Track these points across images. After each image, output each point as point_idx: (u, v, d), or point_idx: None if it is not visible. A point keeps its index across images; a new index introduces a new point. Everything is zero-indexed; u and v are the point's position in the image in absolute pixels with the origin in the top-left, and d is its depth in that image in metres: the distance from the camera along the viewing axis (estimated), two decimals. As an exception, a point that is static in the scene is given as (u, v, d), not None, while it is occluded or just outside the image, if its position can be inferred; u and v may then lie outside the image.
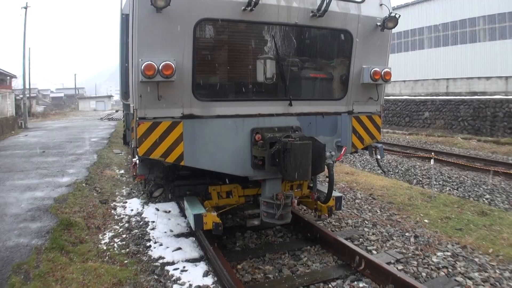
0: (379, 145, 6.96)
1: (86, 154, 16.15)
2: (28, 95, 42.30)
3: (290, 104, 6.00)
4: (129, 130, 9.81)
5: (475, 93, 31.83)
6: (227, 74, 6.28)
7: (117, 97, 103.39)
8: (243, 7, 5.36)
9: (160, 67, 4.89)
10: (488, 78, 33.50)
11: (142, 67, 4.86)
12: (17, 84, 56.79)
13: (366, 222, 7.95)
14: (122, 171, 13.18)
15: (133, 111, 5.49)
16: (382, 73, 6.40)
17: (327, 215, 6.78)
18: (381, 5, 6.39)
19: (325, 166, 5.72)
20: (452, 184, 12.24)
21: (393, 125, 32.36)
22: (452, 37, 40.01)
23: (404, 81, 40.86)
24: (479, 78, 34.42)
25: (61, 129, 30.80)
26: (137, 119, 5.26)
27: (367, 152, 7.39)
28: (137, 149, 5.36)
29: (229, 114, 5.68)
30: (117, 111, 65.48)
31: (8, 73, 45.29)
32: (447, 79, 36.78)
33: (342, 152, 6.37)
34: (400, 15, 6.29)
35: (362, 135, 6.73)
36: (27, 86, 40.96)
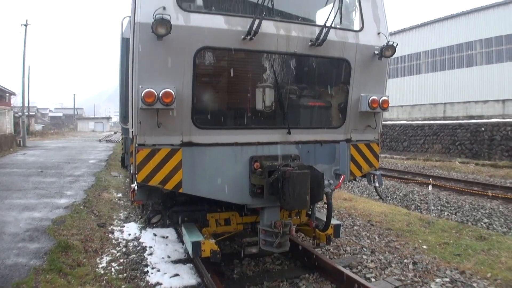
0: (377, 172, 6.97)
1: (84, 176, 16.14)
2: (27, 113, 42.28)
3: (289, 133, 6.03)
4: (128, 154, 9.83)
5: (472, 117, 32.10)
6: (226, 102, 6.32)
7: (115, 118, 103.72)
8: (243, 36, 5.44)
9: (160, 95, 4.93)
10: (485, 101, 33.80)
11: (142, 94, 4.90)
12: (16, 101, 57.00)
13: (365, 249, 7.92)
14: (120, 195, 13.15)
15: (133, 137, 5.52)
16: (380, 101, 6.44)
17: (325, 243, 6.77)
18: (378, 33, 6.47)
19: (324, 194, 5.74)
20: (450, 209, 12.24)
21: (391, 150, 32.46)
22: (449, 61, 40.36)
23: (402, 106, 41.18)
24: (476, 102, 34.72)
25: (59, 149, 30.81)
26: (136, 145, 5.28)
27: (365, 178, 7.42)
28: (136, 175, 5.35)
29: (228, 142, 5.71)
30: (115, 132, 65.64)
31: (7, 90, 45.46)
32: (444, 103, 37.09)
33: (340, 181, 6.39)
34: (397, 43, 6.38)
35: (360, 163, 6.76)
36: (26, 104, 40.93)
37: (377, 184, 6.96)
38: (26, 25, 39.51)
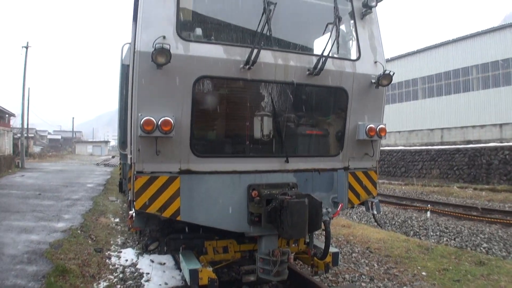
0: (375, 200, 6.96)
1: (81, 200, 16.10)
2: (26, 135, 42.38)
3: (287, 161, 6.05)
4: (126, 179, 9.83)
5: (470, 142, 32.22)
6: (225, 131, 6.36)
7: (114, 142, 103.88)
8: (241, 66, 5.52)
9: (159, 123, 4.96)
10: (482, 126, 33.99)
11: (141, 122, 4.93)
12: (15, 122, 57.27)
13: (364, 277, 7.86)
14: (117, 220, 13.08)
15: (131, 164, 5.53)
16: (377, 129, 6.48)
17: (324, 270, 6.71)
18: (375, 62, 6.57)
19: (322, 222, 5.73)
20: (449, 235, 12.22)
21: (389, 176, 32.47)
22: (445, 87, 40.78)
23: (399, 131, 41.37)
24: (473, 126, 34.92)
25: (57, 172, 30.77)
26: (135, 172, 5.29)
27: (363, 205, 7.41)
28: (134, 203, 5.35)
29: (226, 170, 5.73)
30: (113, 157, 65.65)
31: (7, 111, 45.68)
32: (442, 128, 37.27)
33: (338, 209, 6.38)
34: (394, 72, 6.43)
35: (358, 191, 6.76)
36: (25, 126, 41.04)
37: (375, 212, 6.95)
38: (27, 47, 39.73)
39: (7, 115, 46.55)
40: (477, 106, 37.28)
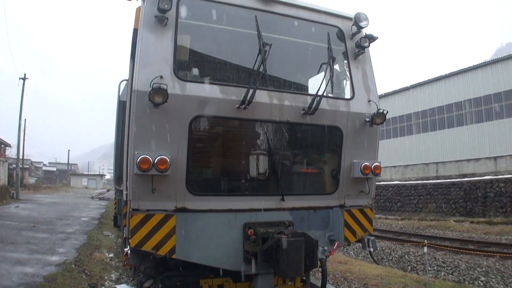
0: (372, 237, 6.95)
1: (76, 233, 15.97)
2: (21, 166, 42.22)
3: (283, 199, 6.06)
4: (121, 215, 9.79)
5: (465, 175, 32.31)
6: (221, 169, 6.38)
7: (109, 176, 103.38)
8: (237, 105, 5.62)
9: (155, 161, 4.99)
10: (477, 159, 34.19)
11: (138, 161, 4.95)
12: (11, 153, 57.17)
13: (361, 315, 7.78)
14: (112, 255, 12.94)
15: (127, 201, 5.53)
16: (372, 167, 6.52)
17: (319, 309, 6.63)
18: (369, 101, 6.68)
19: (318, 261, 5.71)
20: (446, 269, 12.15)
21: (385, 211, 32.36)
22: (439, 121, 41.21)
23: (394, 166, 41.50)
24: (468, 160, 35.11)
25: (52, 204, 30.57)
26: (130, 210, 5.28)
27: (360, 242, 7.38)
28: (129, 240, 5.32)
29: (222, 209, 5.72)
30: (108, 190, 65.33)
31: (3, 141, 45.74)
32: (437, 163, 37.44)
33: (335, 247, 6.35)
34: (387, 111, 6.52)
35: (354, 229, 6.74)
36: (20, 157, 40.95)
37: (371, 249, 6.93)
38: (24, 79, 39.94)
39: (2, 145, 46.58)
40: (471, 140, 37.61)
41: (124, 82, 8.33)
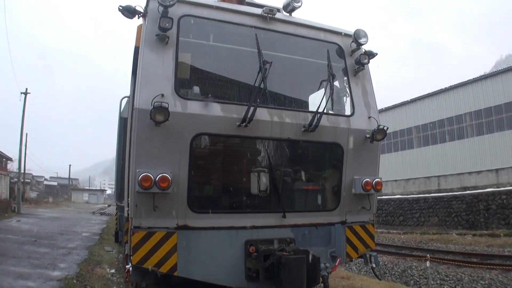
0: (374, 253, 6.93)
1: (77, 248, 15.91)
2: (22, 180, 42.25)
3: (284, 216, 6.06)
4: (122, 231, 9.79)
5: (466, 188, 32.19)
6: (222, 187, 6.38)
7: (110, 191, 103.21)
8: (238, 123, 5.65)
9: (156, 179, 5.02)
10: (478, 172, 34.09)
11: (139, 178, 4.98)
12: (12, 167, 57.24)
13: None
14: (113, 270, 12.85)
15: (129, 218, 5.53)
16: (373, 183, 6.54)
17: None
18: (369, 117, 6.72)
19: (320, 277, 5.70)
20: (449, 283, 12.09)
21: (387, 225, 32.19)
22: (440, 135, 41.18)
23: (396, 180, 41.38)
24: (469, 173, 35.02)
25: (53, 219, 30.53)
26: (132, 227, 5.30)
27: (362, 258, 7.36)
28: (131, 257, 5.33)
29: (223, 226, 5.73)
30: (109, 205, 65.21)
31: (4, 155, 45.82)
32: (438, 176, 37.34)
33: (337, 263, 6.34)
34: (387, 127, 6.56)
35: (356, 245, 6.73)
36: (22, 171, 40.96)
37: (374, 265, 6.91)
38: (25, 94, 40.03)
39: (4, 159, 46.70)
40: (472, 153, 37.54)
41: (126, 99, 8.38)
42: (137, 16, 5.84)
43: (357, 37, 6.62)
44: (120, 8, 5.72)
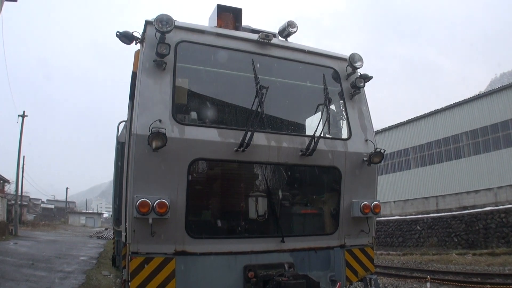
0: (374, 276, 6.88)
1: (74, 272, 15.76)
2: (20, 203, 41.97)
3: (283, 241, 6.03)
4: (119, 256, 9.72)
5: (465, 208, 32.03)
6: (220, 211, 6.36)
7: (107, 214, 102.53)
8: (235, 148, 5.67)
9: (154, 205, 5.02)
10: (476, 191, 33.99)
11: (137, 204, 4.98)
12: (9, 189, 56.90)
13: None
14: (111, 296, 12.77)
15: (126, 244, 5.50)
16: (372, 206, 6.53)
17: None
18: (366, 140, 6.76)
19: None
20: (450, 304, 11.92)
21: (387, 246, 31.88)
22: (437, 155, 41.33)
23: (394, 201, 41.20)
24: (468, 192, 34.90)
25: (50, 242, 30.30)
26: (130, 253, 5.27)
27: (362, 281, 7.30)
28: (129, 283, 5.28)
29: (222, 251, 5.69)
30: (106, 229, 64.58)
31: (2, 177, 45.55)
32: (436, 196, 37.20)
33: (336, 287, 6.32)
34: (385, 150, 6.60)
35: (356, 268, 6.68)
36: (19, 193, 40.74)
37: (373, 288, 6.88)
38: (23, 116, 40.17)
39: (1, 181, 46.47)
40: (469, 172, 37.62)
41: (123, 123, 8.41)
42: (134, 41, 5.91)
43: (352, 61, 6.70)
44: (118, 34, 5.80)
